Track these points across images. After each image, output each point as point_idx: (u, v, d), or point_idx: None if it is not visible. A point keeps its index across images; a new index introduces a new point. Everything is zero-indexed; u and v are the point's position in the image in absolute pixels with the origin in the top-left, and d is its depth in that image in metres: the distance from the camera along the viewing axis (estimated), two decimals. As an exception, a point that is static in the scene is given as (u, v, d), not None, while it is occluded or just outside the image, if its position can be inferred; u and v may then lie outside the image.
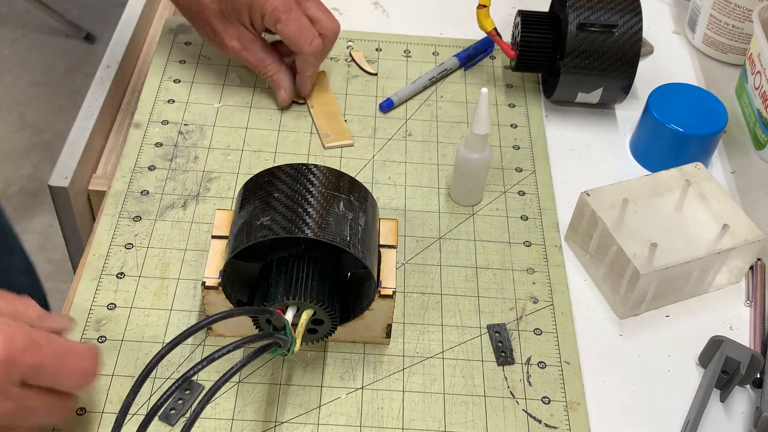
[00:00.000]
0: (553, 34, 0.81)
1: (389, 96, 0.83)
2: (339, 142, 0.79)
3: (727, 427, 0.63)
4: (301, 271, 0.58)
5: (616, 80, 0.80)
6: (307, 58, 0.78)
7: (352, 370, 0.63)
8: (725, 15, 0.89)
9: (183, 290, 0.67)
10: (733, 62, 0.92)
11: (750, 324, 0.69)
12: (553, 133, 0.83)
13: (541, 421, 0.62)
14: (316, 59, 0.79)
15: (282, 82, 0.80)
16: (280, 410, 0.61)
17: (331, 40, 0.79)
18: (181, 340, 0.47)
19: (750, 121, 0.85)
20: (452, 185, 0.75)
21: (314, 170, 0.61)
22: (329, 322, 0.59)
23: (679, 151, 0.77)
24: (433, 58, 0.89)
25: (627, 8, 0.79)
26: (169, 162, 0.76)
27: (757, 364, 0.63)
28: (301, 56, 0.78)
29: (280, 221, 0.57)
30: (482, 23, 0.82)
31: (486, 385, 0.63)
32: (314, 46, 0.77)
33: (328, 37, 0.78)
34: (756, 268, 0.72)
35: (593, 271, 0.71)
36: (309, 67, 0.79)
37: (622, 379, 0.65)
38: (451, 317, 0.67)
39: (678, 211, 0.71)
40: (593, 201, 0.69)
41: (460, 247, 0.72)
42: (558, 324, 0.67)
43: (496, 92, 0.86)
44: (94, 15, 2.21)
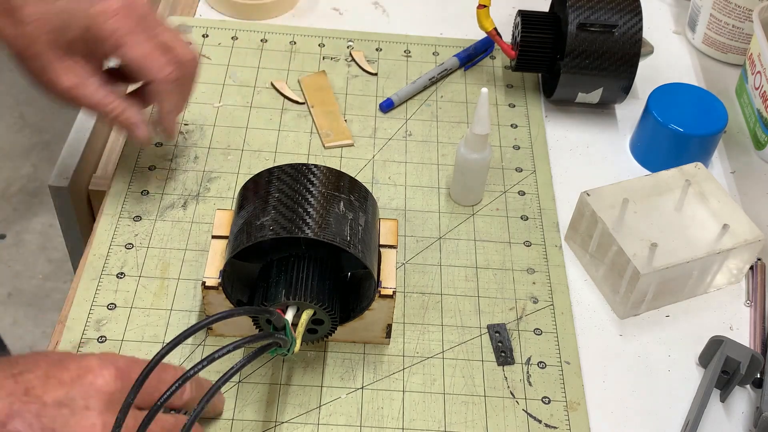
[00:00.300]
0: (553, 34, 0.81)
1: (389, 96, 0.83)
2: (339, 141, 0.79)
3: (727, 427, 0.63)
4: (301, 271, 0.58)
5: (616, 80, 0.80)
6: (162, 86, 0.66)
7: (352, 370, 0.63)
8: (725, 15, 0.89)
9: (183, 290, 0.67)
10: (733, 62, 0.92)
11: (750, 324, 0.69)
12: (553, 133, 0.83)
13: (541, 421, 0.62)
14: (173, 88, 0.66)
15: (134, 117, 0.67)
16: (280, 410, 0.61)
17: (189, 70, 0.67)
18: (181, 340, 0.47)
19: (750, 121, 0.85)
20: (452, 185, 0.75)
21: (314, 170, 0.61)
22: (329, 322, 0.59)
23: (679, 151, 0.77)
24: (433, 58, 0.89)
25: (627, 8, 0.79)
26: (169, 162, 0.76)
27: (757, 364, 0.63)
28: (154, 86, 0.66)
29: (280, 221, 0.57)
30: (482, 23, 0.82)
31: (486, 385, 0.63)
32: (167, 72, 0.65)
33: (185, 66, 0.66)
34: (756, 268, 0.72)
35: (593, 271, 0.71)
36: (167, 99, 0.67)
37: (622, 379, 0.65)
38: (451, 317, 0.67)
39: (678, 211, 0.71)
40: (593, 201, 0.69)
41: (460, 247, 0.72)
42: (558, 324, 0.67)
43: (496, 92, 0.86)
44: (94, 15, 2.20)
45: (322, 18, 0.93)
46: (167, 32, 0.66)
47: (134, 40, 0.64)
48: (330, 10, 0.94)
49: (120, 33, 0.63)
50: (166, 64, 0.65)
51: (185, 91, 0.69)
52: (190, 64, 0.67)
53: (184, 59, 0.66)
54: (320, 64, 0.87)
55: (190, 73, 0.68)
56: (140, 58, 0.64)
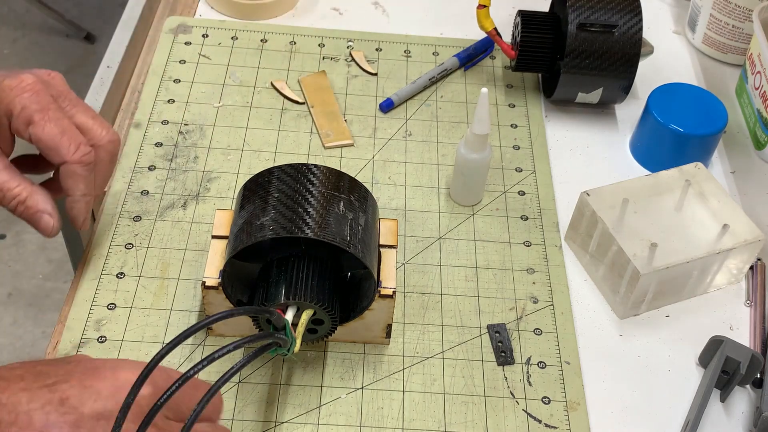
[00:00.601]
0: (553, 34, 0.81)
1: (389, 96, 0.83)
2: (339, 141, 0.79)
3: (727, 427, 0.63)
4: (301, 271, 0.58)
5: (616, 80, 0.80)
6: (73, 168, 0.60)
7: (352, 370, 0.63)
8: (725, 15, 0.89)
9: (183, 290, 0.67)
10: (733, 62, 0.92)
11: (750, 324, 0.69)
12: (553, 133, 0.83)
13: (541, 421, 0.62)
14: (86, 172, 0.60)
15: (40, 204, 0.60)
16: (280, 410, 0.61)
17: (109, 152, 0.62)
18: (181, 340, 0.47)
19: (750, 121, 0.85)
20: (452, 185, 0.75)
21: (314, 170, 0.61)
22: (329, 322, 0.59)
23: (679, 151, 0.77)
24: (433, 58, 0.89)
25: (627, 8, 0.79)
26: (169, 162, 0.76)
27: (757, 364, 0.63)
28: (66, 168, 0.60)
29: (280, 221, 0.57)
30: (482, 23, 0.82)
31: (486, 385, 0.63)
32: (81, 154, 0.59)
33: (104, 148, 0.62)
34: (756, 268, 0.72)
35: (593, 271, 0.71)
36: (78, 183, 0.60)
37: (622, 379, 0.65)
38: (451, 317, 0.67)
39: (678, 211, 0.71)
40: (593, 201, 0.69)
41: (460, 247, 0.72)
42: (558, 324, 0.67)
43: (496, 92, 0.86)
44: (94, 15, 2.21)
45: (322, 18, 0.93)
46: (85, 112, 0.61)
47: (46, 118, 0.59)
48: (330, 10, 0.94)
49: (31, 110, 0.58)
50: (81, 145, 0.59)
51: (101, 176, 0.63)
52: (108, 146, 0.62)
53: (101, 141, 0.61)
54: (320, 64, 0.87)
55: (107, 157, 0.62)
56: (50, 138, 0.59)
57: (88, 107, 0.62)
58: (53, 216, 0.61)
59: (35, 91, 0.59)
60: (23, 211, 0.60)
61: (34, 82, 0.59)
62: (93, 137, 0.61)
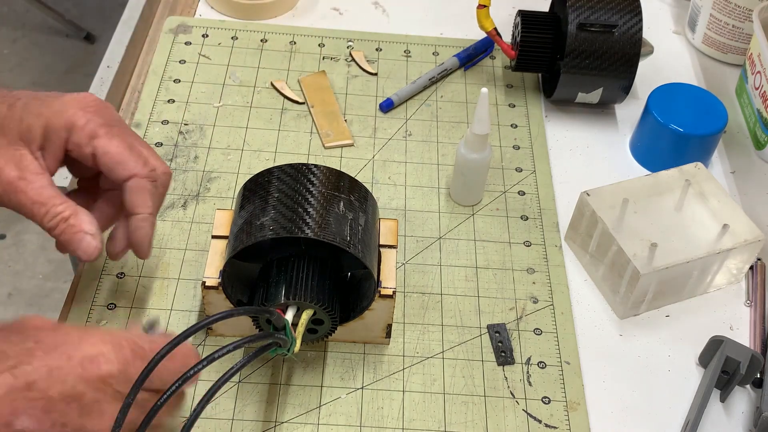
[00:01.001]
0: (553, 34, 0.81)
1: (389, 96, 0.83)
2: (339, 141, 0.79)
3: (727, 427, 0.63)
4: (301, 271, 0.58)
5: (616, 80, 0.80)
6: (143, 184, 0.58)
7: (352, 370, 0.63)
8: (725, 15, 0.89)
9: (183, 290, 0.67)
10: (733, 62, 0.92)
11: (750, 324, 0.69)
12: (553, 133, 0.83)
13: (541, 421, 0.62)
14: (154, 189, 0.59)
15: (84, 224, 0.57)
16: (280, 410, 0.61)
17: (164, 185, 0.60)
18: (181, 340, 0.47)
19: (750, 121, 0.85)
20: (452, 185, 0.75)
21: (314, 170, 0.61)
22: (329, 322, 0.59)
23: (679, 151, 0.77)
24: (433, 58, 0.89)
25: (627, 8, 0.79)
26: (169, 162, 0.76)
27: (757, 364, 0.63)
28: (134, 183, 0.58)
29: (280, 221, 0.57)
30: (482, 23, 0.82)
31: (486, 385, 0.63)
32: (149, 169, 0.58)
33: (160, 177, 0.59)
34: (756, 268, 0.72)
35: (593, 271, 0.71)
36: (147, 199, 0.58)
37: (622, 379, 0.65)
38: (451, 317, 0.67)
39: (678, 211, 0.71)
40: (593, 201, 0.69)
41: (460, 247, 0.72)
42: (558, 324, 0.67)
43: (496, 92, 0.86)
44: (94, 15, 2.21)
45: (322, 18, 0.93)
46: (141, 142, 0.60)
47: (112, 132, 0.57)
48: (330, 10, 0.94)
49: (96, 123, 0.57)
50: (148, 161, 0.58)
51: (158, 204, 0.60)
52: (163, 178, 0.60)
53: (159, 170, 0.59)
54: (320, 64, 0.87)
55: (162, 189, 0.60)
56: (118, 151, 0.57)
57: (141, 139, 0.61)
58: (96, 238, 0.57)
59: (98, 108, 0.58)
60: (65, 229, 0.56)
61: (96, 100, 0.58)
62: (151, 165, 0.59)
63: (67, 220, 0.56)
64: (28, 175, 0.55)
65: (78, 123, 0.56)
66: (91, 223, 0.57)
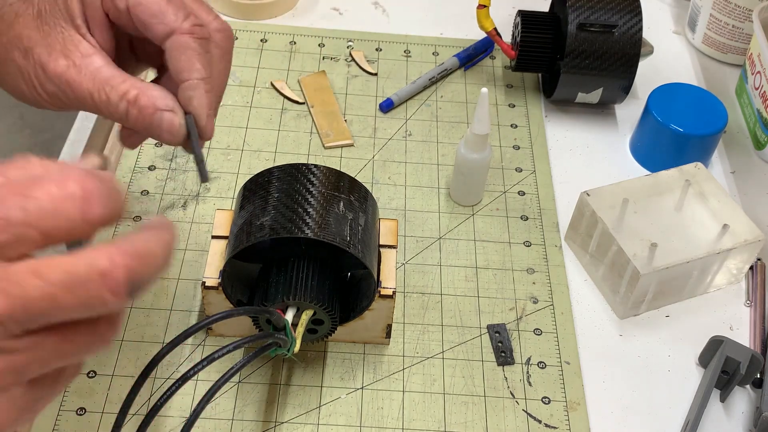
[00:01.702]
0: (553, 34, 0.81)
1: (389, 96, 0.83)
2: (339, 141, 0.79)
3: (727, 427, 0.63)
4: (301, 271, 0.58)
5: (616, 80, 0.80)
6: (185, 40, 0.46)
7: (352, 370, 0.63)
8: (725, 15, 0.89)
9: (183, 290, 0.67)
10: (733, 62, 0.92)
11: (750, 324, 0.69)
12: (553, 133, 0.83)
13: (541, 421, 0.62)
14: (201, 47, 0.47)
15: (158, 101, 0.47)
16: (280, 410, 0.61)
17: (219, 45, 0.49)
18: (181, 340, 0.47)
19: (750, 121, 0.85)
20: (452, 185, 0.75)
21: (314, 170, 0.61)
22: (329, 322, 0.59)
23: (679, 151, 0.77)
24: (433, 58, 0.89)
25: (627, 8, 0.79)
26: (169, 162, 0.76)
27: (757, 364, 0.63)
28: (175, 41, 0.47)
29: (280, 221, 0.57)
30: (482, 23, 0.82)
31: (486, 385, 0.63)
32: (192, 23, 0.47)
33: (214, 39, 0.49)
34: (756, 268, 0.72)
35: (593, 271, 0.71)
36: (193, 61, 0.47)
37: (622, 379, 0.65)
38: (451, 317, 0.67)
39: (678, 211, 0.71)
40: (593, 201, 0.69)
41: (460, 247, 0.72)
42: (558, 324, 0.67)
43: (496, 92, 0.86)
44: (94, 15, 2.20)
45: (322, 18, 0.93)
46: None
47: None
48: (330, 10, 0.94)
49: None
50: (191, 15, 0.47)
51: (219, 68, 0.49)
52: (216, 36, 0.49)
53: (211, 26, 0.49)
54: (320, 64, 0.87)
55: (217, 51, 0.49)
56: (156, 1, 0.46)
57: None
58: (176, 113, 0.47)
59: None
60: (137, 115, 0.46)
61: None
62: (201, 20, 0.48)
63: (136, 102, 0.46)
64: (77, 59, 0.46)
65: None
66: (164, 97, 0.47)
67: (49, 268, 0.31)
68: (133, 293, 0.32)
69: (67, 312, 0.32)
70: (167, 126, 0.47)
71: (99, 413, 0.60)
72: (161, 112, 0.46)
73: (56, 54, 0.46)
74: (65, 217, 0.32)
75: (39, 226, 0.32)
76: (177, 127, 0.47)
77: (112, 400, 0.60)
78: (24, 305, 0.31)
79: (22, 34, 0.47)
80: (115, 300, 0.32)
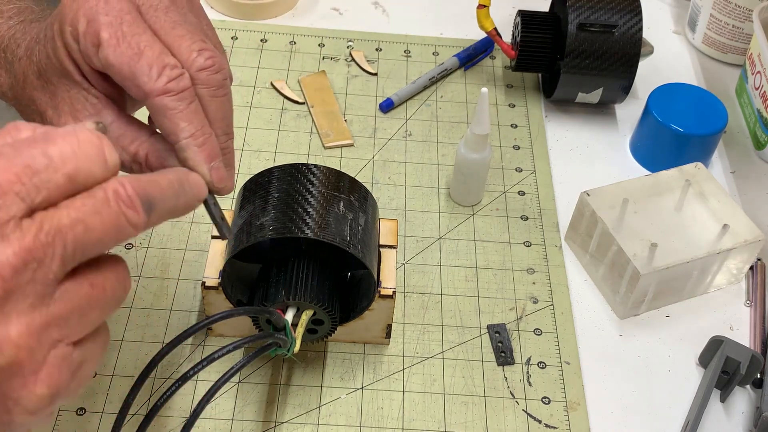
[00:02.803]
0: (553, 34, 0.81)
1: (389, 96, 0.83)
2: (339, 141, 0.79)
3: (727, 427, 0.63)
4: (301, 271, 0.58)
5: (616, 80, 0.80)
6: (160, 102, 0.42)
7: (352, 370, 0.63)
8: (725, 15, 0.89)
9: (183, 290, 0.67)
10: (733, 62, 0.92)
11: (750, 324, 0.69)
12: (553, 133, 0.83)
13: (541, 421, 0.61)
14: (181, 103, 0.43)
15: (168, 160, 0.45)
16: (280, 410, 0.61)
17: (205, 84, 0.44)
18: (181, 340, 0.47)
19: (750, 121, 0.85)
20: (452, 185, 0.75)
21: (314, 170, 0.61)
22: (329, 322, 0.59)
23: (679, 151, 0.77)
24: (433, 58, 0.89)
25: (627, 8, 0.79)
26: (169, 162, 0.76)
27: (757, 364, 0.63)
28: (151, 105, 0.43)
29: (280, 221, 0.57)
30: (482, 23, 0.82)
31: (486, 385, 0.63)
32: (167, 79, 0.42)
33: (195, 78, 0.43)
34: (756, 268, 0.72)
35: (593, 271, 0.71)
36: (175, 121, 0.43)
37: (622, 379, 0.65)
38: (451, 317, 0.67)
39: (678, 211, 0.71)
40: (593, 201, 0.69)
41: (460, 247, 0.72)
42: (558, 324, 0.67)
43: (496, 92, 0.86)
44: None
45: (322, 18, 0.93)
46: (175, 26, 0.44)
47: (117, 34, 0.42)
48: (330, 10, 0.94)
49: (99, 24, 0.42)
50: (166, 68, 0.42)
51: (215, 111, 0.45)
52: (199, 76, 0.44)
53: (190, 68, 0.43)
54: (320, 64, 0.87)
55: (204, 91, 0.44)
56: (123, 62, 0.42)
57: (182, 20, 0.44)
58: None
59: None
60: None
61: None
62: (181, 61, 0.43)
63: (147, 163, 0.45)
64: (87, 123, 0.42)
65: (79, 27, 0.42)
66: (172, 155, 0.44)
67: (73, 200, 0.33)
68: (149, 212, 0.35)
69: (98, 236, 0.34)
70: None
71: (99, 413, 0.60)
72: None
73: (65, 116, 0.45)
74: (87, 157, 0.34)
75: (64, 170, 0.33)
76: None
77: (112, 400, 0.60)
78: (59, 235, 0.33)
79: (33, 96, 0.46)
80: (134, 215, 0.35)
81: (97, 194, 0.34)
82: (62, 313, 0.34)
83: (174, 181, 0.38)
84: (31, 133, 0.35)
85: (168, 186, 0.37)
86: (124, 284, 0.36)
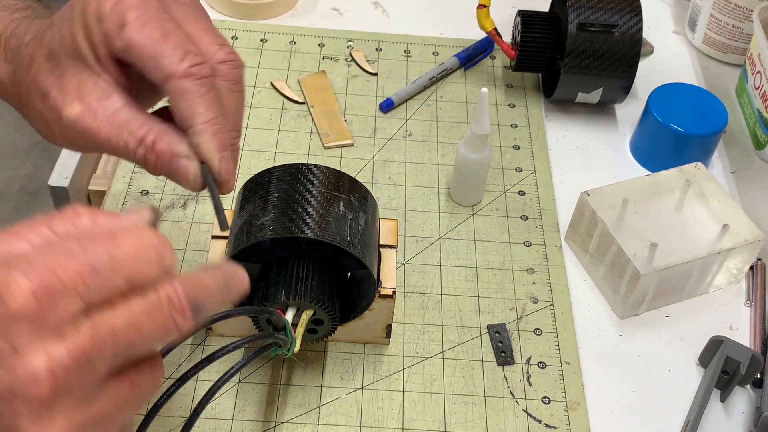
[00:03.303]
0: (553, 34, 0.81)
1: (389, 96, 0.83)
2: (339, 141, 0.79)
3: (727, 427, 0.63)
4: (301, 271, 0.57)
5: (616, 80, 0.80)
6: (182, 85, 0.43)
7: (352, 370, 0.63)
8: (725, 15, 0.89)
9: (183, 290, 0.67)
10: (733, 62, 0.92)
11: (750, 324, 0.69)
12: (553, 133, 0.83)
13: (541, 421, 0.61)
14: (202, 89, 0.44)
15: (174, 146, 0.45)
16: (280, 410, 0.61)
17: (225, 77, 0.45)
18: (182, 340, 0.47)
19: (750, 121, 0.85)
20: (452, 185, 0.75)
21: (314, 170, 0.61)
22: (329, 322, 0.59)
23: (679, 151, 0.77)
24: (433, 58, 0.89)
25: (627, 8, 0.79)
26: (169, 162, 0.76)
27: (757, 364, 0.63)
28: (173, 86, 0.43)
29: (280, 221, 0.57)
30: (482, 23, 0.82)
31: (486, 385, 0.63)
32: (190, 63, 0.43)
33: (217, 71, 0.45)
34: (756, 268, 0.72)
35: (593, 271, 0.71)
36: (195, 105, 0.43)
37: (622, 379, 0.65)
38: (451, 317, 0.67)
39: (678, 211, 0.71)
40: (593, 201, 0.69)
41: (460, 247, 0.72)
42: (558, 324, 0.67)
43: (496, 92, 0.86)
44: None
45: (322, 18, 0.93)
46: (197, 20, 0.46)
47: (144, 16, 0.43)
48: (330, 10, 0.94)
49: (125, 5, 0.43)
50: (190, 54, 0.43)
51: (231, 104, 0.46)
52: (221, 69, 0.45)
53: (215, 58, 0.45)
54: (320, 64, 0.87)
55: (224, 85, 0.45)
56: (148, 42, 0.43)
57: (204, 15, 0.47)
58: (192, 158, 0.45)
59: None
60: (155, 161, 0.45)
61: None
62: (203, 52, 0.44)
63: (154, 147, 0.44)
64: (93, 102, 0.44)
65: (104, 9, 0.43)
66: (182, 141, 0.44)
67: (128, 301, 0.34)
68: (197, 315, 0.36)
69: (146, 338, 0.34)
70: (183, 173, 0.45)
71: (99, 413, 0.60)
72: (178, 159, 0.45)
73: (71, 98, 0.45)
74: (148, 262, 0.35)
75: (125, 273, 0.34)
76: (192, 174, 0.45)
77: (112, 400, 0.60)
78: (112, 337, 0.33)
79: (38, 78, 0.46)
80: (183, 320, 0.35)
81: (151, 298, 0.34)
82: (102, 412, 0.34)
83: (221, 281, 0.38)
84: (90, 222, 0.35)
85: (216, 288, 0.37)
86: (158, 382, 0.36)
